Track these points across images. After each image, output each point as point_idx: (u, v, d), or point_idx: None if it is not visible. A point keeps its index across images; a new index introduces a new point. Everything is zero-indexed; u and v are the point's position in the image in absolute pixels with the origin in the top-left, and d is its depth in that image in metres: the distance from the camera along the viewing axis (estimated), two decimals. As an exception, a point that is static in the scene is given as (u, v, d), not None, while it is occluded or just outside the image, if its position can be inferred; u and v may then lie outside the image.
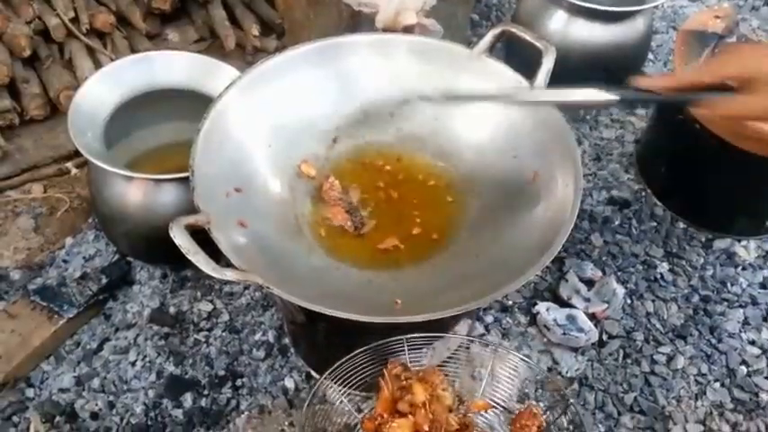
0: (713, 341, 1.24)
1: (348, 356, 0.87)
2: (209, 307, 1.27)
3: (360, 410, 0.88)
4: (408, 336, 0.91)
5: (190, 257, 0.79)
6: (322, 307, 0.80)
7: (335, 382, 0.86)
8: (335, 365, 0.86)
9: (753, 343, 1.25)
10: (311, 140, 1.07)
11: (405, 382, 0.83)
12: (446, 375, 0.88)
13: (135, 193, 1.16)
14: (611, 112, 1.67)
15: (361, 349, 0.87)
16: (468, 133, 1.08)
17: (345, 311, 0.80)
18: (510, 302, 1.29)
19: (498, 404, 0.91)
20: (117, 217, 1.20)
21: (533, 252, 0.88)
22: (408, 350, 0.91)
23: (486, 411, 0.90)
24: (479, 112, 1.07)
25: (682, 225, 1.43)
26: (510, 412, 0.90)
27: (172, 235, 0.79)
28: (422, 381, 0.84)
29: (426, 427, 0.79)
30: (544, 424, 0.84)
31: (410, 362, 0.90)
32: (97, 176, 1.20)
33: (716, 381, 1.19)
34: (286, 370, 1.19)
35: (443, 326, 1.07)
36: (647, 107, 1.07)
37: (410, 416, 0.81)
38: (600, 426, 0.93)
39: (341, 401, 0.87)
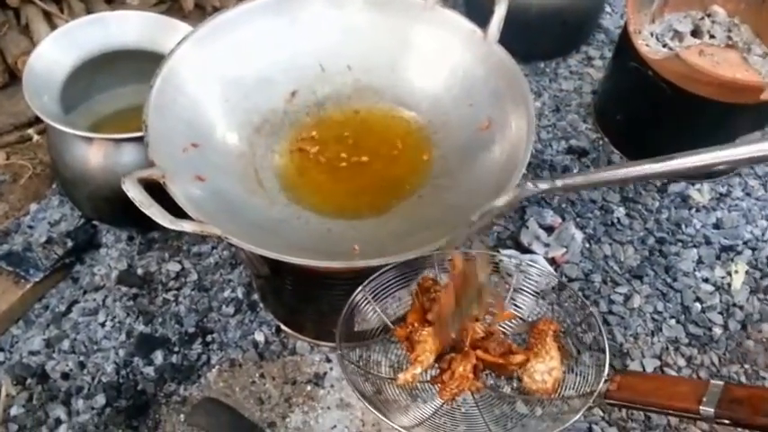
0: (668, 280, 1.29)
1: (378, 273, 0.88)
2: (178, 267, 1.28)
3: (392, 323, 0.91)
4: (438, 252, 0.92)
5: (144, 210, 0.80)
6: (279, 254, 0.82)
7: (371, 295, 0.89)
8: (367, 281, 0.88)
9: (706, 281, 1.29)
10: (269, 95, 1.08)
11: (434, 295, 0.87)
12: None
13: (95, 154, 1.16)
14: (569, 64, 1.70)
15: (389, 266, 0.88)
16: (425, 84, 1.10)
17: (303, 258, 0.82)
18: (473, 252, 1.31)
19: (521, 314, 0.94)
20: (79, 180, 1.21)
21: (490, 195, 0.90)
22: (438, 267, 0.93)
23: (510, 321, 0.94)
24: (435, 62, 1.09)
25: (638, 171, 1.46)
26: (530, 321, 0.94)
27: (125, 188, 0.80)
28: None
29: (453, 335, 0.82)
30: (560, 329, 0.87)
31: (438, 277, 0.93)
32: (56, 140, 1.20)
33: (671, 318, 1.24)
34: (255, 324, 1.21)
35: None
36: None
37: None
38: (598, 368, 0.97)
39: (375, 312, 0.89)
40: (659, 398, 0.72)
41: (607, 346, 0.80)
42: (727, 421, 0.67)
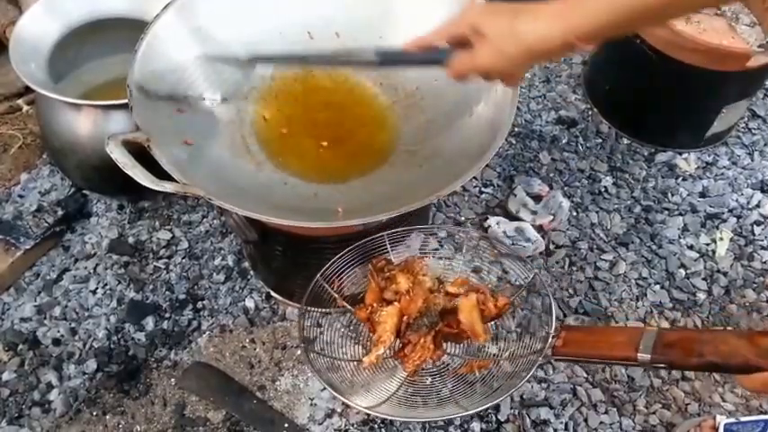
0: (654, 247, 1.30)
1: (336, 257, 0.92)
2: (168, 236, 1.29)
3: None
4: (389, 232, 0.95)
5: (127, 171, 0.80)
6: (261, 214, 0.82)
7: (326, 282, 0.92)
8: (326, 266, 0.91)
9: (691, 247, 1.30)
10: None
11: (388, 274, 0.90)
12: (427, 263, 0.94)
13: (84, 122, 1.16)
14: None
15: (347, 249, 0.92)
16: (412, 50, 1.10)
17: (285, 219, 0.83)
18: (463, 218, 1.33)
19: (507, 278, 0.99)
20: (68, 149, 1.21)
21: (474, 158, 0.91)
22: (390, 245, 0.96)
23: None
24: (424, 28, 1.09)
25: (626, 141, 1.47)
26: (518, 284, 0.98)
27: (108, 150, 0.80)
28: (403, 271, 0.90)
29: (412, 311, 0.86)
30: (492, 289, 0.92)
31: (393, 256, 0.96)
32: (45, 108, 1.20)
33: (656, 283, 1.25)
34: (246, 291, 1.22)
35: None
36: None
37: (395, 303, 0.87)
38: (546, 327, 0.99)
39: (332, 297, 0.93)
40: (601, 350, 0.74)
41: (553, 303, 0.83)
42: (663, 365, 0.68)
